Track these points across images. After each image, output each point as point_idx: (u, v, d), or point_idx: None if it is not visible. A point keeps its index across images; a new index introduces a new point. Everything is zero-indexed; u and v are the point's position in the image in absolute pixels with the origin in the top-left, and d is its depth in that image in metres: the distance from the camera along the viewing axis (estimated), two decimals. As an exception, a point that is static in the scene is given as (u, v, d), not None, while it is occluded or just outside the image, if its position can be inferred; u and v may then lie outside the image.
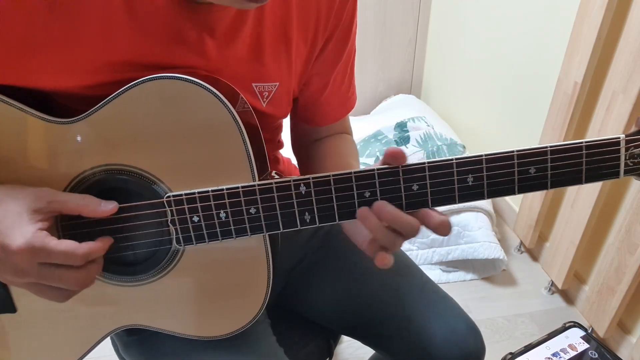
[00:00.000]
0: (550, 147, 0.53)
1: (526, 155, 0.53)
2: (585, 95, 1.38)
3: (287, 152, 0.87)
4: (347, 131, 0.84)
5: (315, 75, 0.71)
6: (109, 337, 0.65)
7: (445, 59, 2.28)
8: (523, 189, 0.54)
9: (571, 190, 1.46)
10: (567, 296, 1.63)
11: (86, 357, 0.65)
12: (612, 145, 0.53)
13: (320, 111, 0.77)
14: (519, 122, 1.79)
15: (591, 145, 0.53)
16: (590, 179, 0.54)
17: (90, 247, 0.51)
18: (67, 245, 0.50)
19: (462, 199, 0.55)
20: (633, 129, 0.53)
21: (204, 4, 0.54)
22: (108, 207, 0.54)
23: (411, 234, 0.54)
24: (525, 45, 1.68)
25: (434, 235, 1.67)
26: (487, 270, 1.71)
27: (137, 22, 0.53)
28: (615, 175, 0.54)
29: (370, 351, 0.87)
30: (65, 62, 0.52)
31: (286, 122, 0.81)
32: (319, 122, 0.79)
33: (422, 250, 1.71)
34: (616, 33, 1.24)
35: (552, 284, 1.63)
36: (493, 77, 1.90)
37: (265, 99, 0.64)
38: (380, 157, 0.57)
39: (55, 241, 0.49)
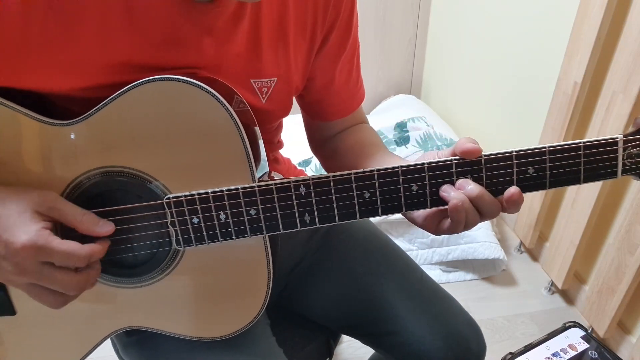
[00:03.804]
0: (549, 147, 0.53)
1: (525, 156, 0.53)
2: (585, 95, 1.38)
3: (287, 152, 0.86)
4: (363, 121, 0.83)
5: (319, 70, 0.71)
6: (108, 338, 0.65)
7: (445, 59, 2.28)
8: (522, 189, 0.54)
9: (571, 190, 1.46)
10: (567, 296, 1.62)
11: (86, 358, 0.64)
12: (610, 145, 0.53)
13: (330, 106, 0.77)
14: (518, 122, 1.79)
15: (589, 146, 0.53)
16: (589, 179, 0.54)
17: (93, 249, 0.51)
18: (70, 245, 0.50)
19: None
20: (631, 129, 0.53)
21: (202, 3, 0.54)
22: (104, 229, 0.53)
23: (492, 214, 0.54)
24: (525, 45, 1.68)
25: (433, 235, 1.67)
26: (487, 270, 1.71)
27: (135, 23, 0.53)
28: (613, 175, 0.54)
29: (370, 351, 0.87)
30: (62, 63, 0.52)
31: (290, 123, 0.80)
32: (330, 116, 0.78)
33: (422, 250, 1.71)
34: (616, 33, 1.24)
35: (552, 284, 1.63)
36: (493, 76, 1.90)
37: (264, 95, 0.64)
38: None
39: (58, 240, 0.49)
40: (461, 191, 0.53)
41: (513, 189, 0.53)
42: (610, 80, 1.27)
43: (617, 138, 0.53)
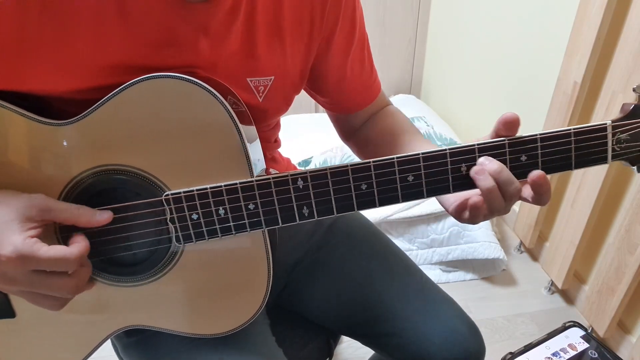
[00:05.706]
0: (540, 134, 0.54)
1: (517, 144, 0.54)
2: (585, 95, 1.38)
3: (287, 152, 0.86)
4: (387, 104, 0.84)
5: (331, 68, 0.72)
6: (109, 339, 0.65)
7: (444, 59, 2.29)
8: (515, 177, 0.55)
9: (571, 190, 1.46)
10: (567, 296, 1.62)
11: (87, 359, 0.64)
12: (599, 131, 0.54)
13: (348, 100, 0.78)
14: (518, 122, 1.79)
15: (579, 132, 0.54)
16: (580, 164, 0.55)
17: (81, 248, 0.51)
18: (58, 250, 0.49)
19: (456, 188, 0.56)
20: (619, 114, 0.54)
21: (196, 2, 0.54)
22: (103, 217, 0.53)
23: (514, 195, 0.54)
24: (525, 44, 1.68)
25: (433, 235, 1.67)
26: (487, 270, 1.71)
27: (130, 24, 0.52)
28: (604, 160, 0.55)
29: (370, 351, 0.87)
30: (58, 65, 0.52)
31: (290, 123, 0.80)
32: (351, 109, 0.79)
33: (422, 250, 1.71)
34: (616, 33, 1.24)
35: (552, 283, 1.63)
36: (493, 76, 1.90)
37: (261, 94, 0.64)
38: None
39: (45, 248, 0.48)
40: (484, 168, 0.53)
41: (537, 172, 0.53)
42: (610, 80, 1.27)
43: (605, 124, 0.53)
